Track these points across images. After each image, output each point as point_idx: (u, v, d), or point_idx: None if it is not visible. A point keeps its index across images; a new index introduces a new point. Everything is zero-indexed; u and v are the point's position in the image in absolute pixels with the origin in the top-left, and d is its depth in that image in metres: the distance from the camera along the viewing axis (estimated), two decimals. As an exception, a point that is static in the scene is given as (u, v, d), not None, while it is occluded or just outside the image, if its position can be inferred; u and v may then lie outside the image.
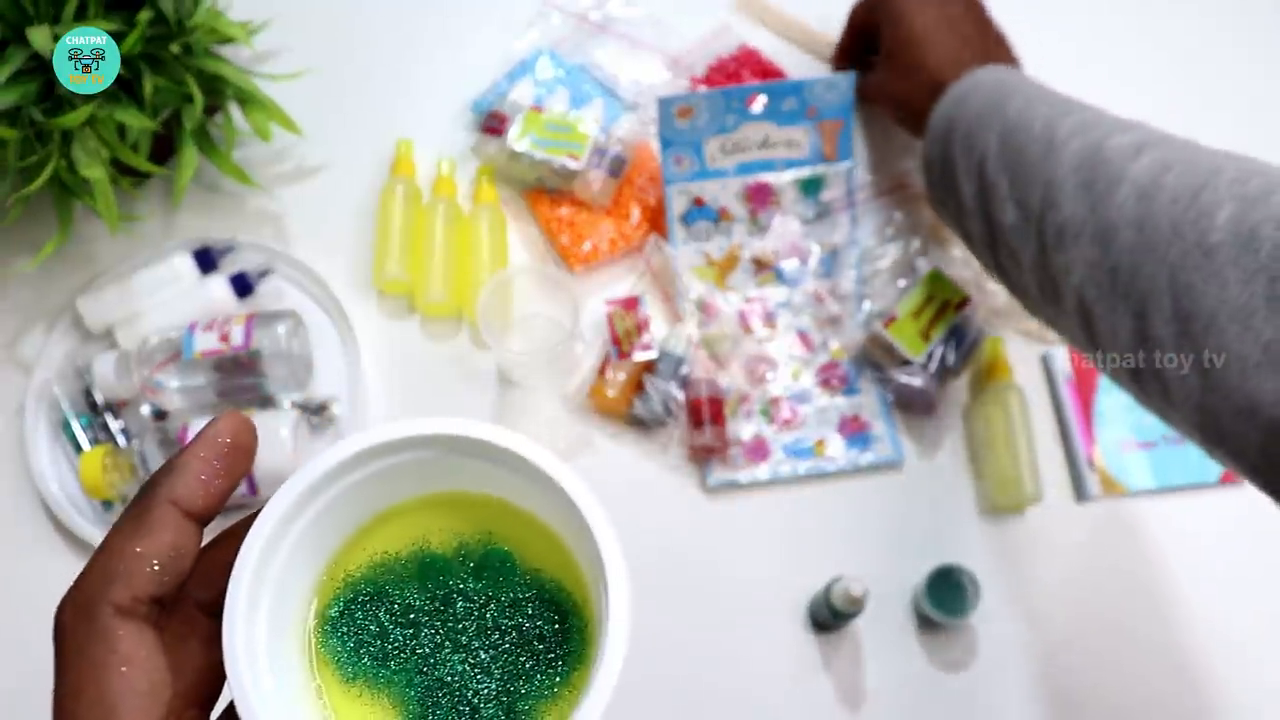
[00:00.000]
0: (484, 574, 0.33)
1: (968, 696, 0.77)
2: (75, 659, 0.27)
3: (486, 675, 0.32)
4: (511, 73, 0.93)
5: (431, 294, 0.83)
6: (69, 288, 0.84)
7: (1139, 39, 1.00)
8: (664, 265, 0.85)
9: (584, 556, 0.32)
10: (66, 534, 0.77)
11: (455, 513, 0.34)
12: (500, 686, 0.32)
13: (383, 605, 0.33)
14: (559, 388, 0.83)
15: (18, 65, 0.69)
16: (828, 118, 0.86)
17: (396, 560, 0.34)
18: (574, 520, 0.30)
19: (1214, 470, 0.83)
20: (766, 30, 0.96)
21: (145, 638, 0.27)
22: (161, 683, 0.27)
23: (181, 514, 0.28)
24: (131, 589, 0.27)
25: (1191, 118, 0.78)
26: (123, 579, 0.27)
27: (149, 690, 0.26)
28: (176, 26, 0.74)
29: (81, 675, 0.26)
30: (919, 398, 0.81)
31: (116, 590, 0.27)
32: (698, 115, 0.84)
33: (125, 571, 0.27)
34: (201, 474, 0.29)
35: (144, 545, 0.27)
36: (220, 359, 0.77)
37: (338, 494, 0.31)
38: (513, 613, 0.33)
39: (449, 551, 0.34)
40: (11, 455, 0.80)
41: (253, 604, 0.29)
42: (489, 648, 0.33)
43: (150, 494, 0.28)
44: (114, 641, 0.26)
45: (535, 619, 0.33)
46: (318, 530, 0.32)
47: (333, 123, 0.90)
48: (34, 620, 0.77)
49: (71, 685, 0.27)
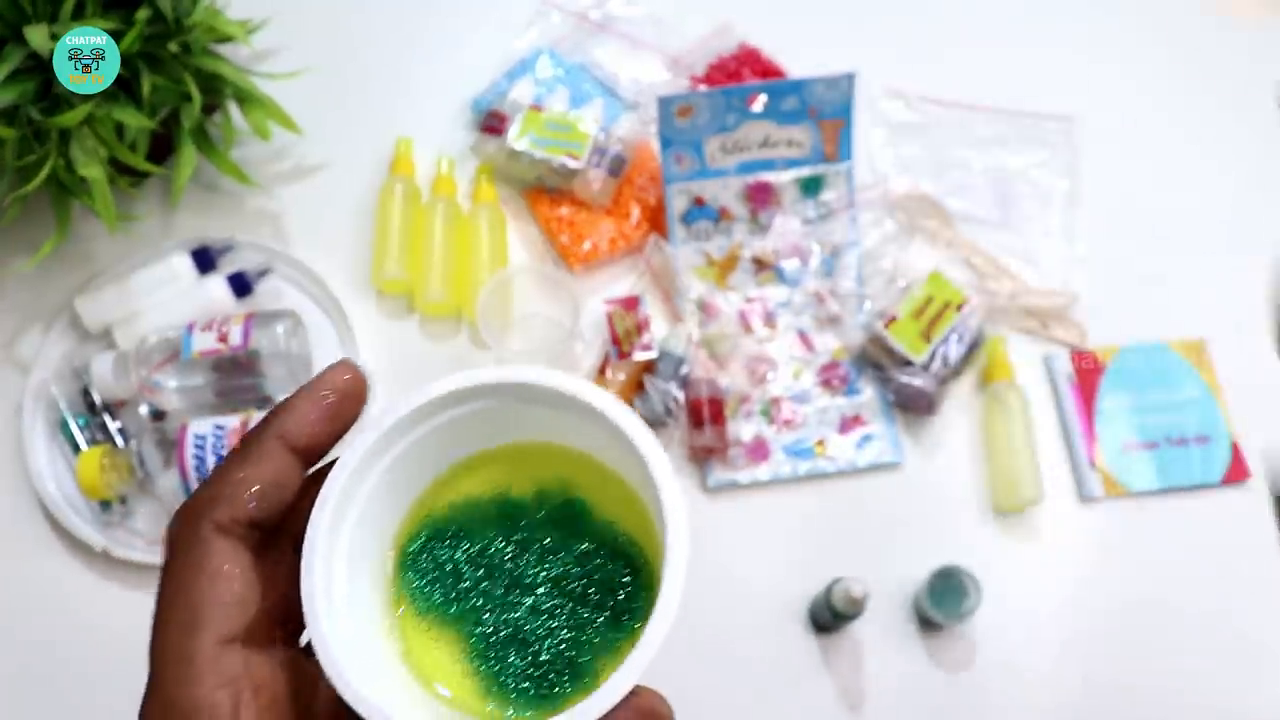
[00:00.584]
0: (560, 523, 0.34)
1: (968, 696, 0.76)
2: (172, 566, 0.29)
3: (552, 623, 0.33)
4: (511, 72, 0.92)
5: (431, 293, 0.83)
6: (67, 287, 0.84)
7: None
8: (664, 265, 0.85)
9: (655, 512, 0.32)
10: (63, 534, 0.77)
11: (535, 462, 0.35)
12: (564, 636, 0.32)
13: (461, 545, 0.34)
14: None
15: (16, 64, 0.69)
16: (828, 117, 0.86)
17: (478, 503, 0.34)
18: (643, 474, 0.31)
19: (1216, 471, 0.82)
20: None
21: (239, 556, 0.29)
22: (249, 598, 0.28)
23: (287, 448, 0.30)
24: (232, 510, 0.29)
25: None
26: (225, 501, 0.29)
27: (235, 601, 0.28)
28: (175, 25, 0.74)
29: (176, 582, 0.28)
30: (919, 398, 0.81)
31: (219, 509, 0.29)
32: (698, 114, 0.84)
33: (228, 495, 0.29)
34: (311, 414, 0.31)
35: (248, 472, 0.29)
36: (219, 359, 0.76)
37: (419, 438, 0.32)
38: (584, 563, 0.33)
39: (528, 498, 0.34)
40: (9, 455, 0.80)
41: (333, 537, 0.30)
42: (558, 596, 0.33)
43: (262, 428, 0.30)
44: (209, 553, 0.28)
45: (606, 572, 0.33)
46: (399, 473, 0.32)
47: (332, 122, 0.90)
48: (31, 619, 0.77)
49: (167, 592, 0.29)
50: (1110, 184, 0.93)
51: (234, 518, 0.29)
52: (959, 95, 0.95)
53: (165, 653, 0.27)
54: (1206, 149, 0.96)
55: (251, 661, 0.28)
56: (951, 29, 0.99)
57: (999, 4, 1.01)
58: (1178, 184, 0.94)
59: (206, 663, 0.27)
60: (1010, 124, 0.94)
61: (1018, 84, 0.96)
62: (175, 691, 0.27)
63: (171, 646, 0.27)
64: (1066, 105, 0.95)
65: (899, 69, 0.95)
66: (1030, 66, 0.98)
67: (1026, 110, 0.94)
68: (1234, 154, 0.96)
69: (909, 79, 0.95)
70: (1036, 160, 0.93)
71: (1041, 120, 0.94)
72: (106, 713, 0.76)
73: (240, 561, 0.29)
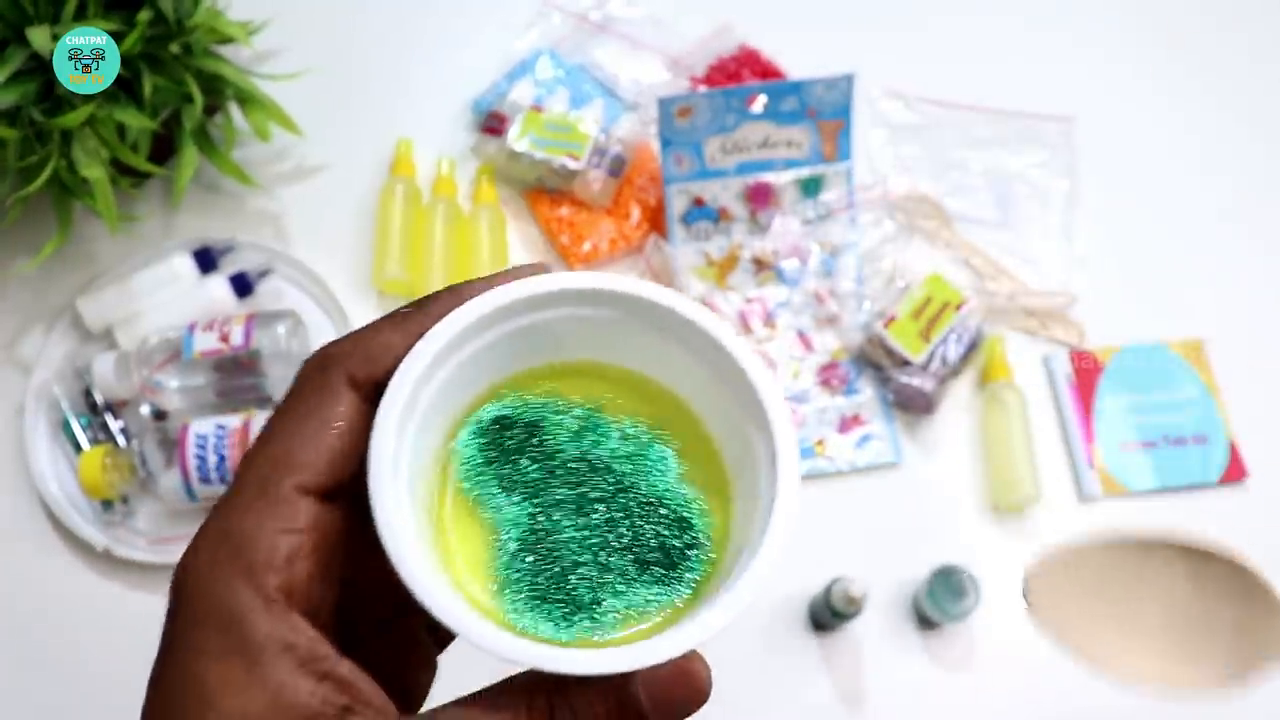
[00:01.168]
0: (639, 463, 0.33)
1: (967, 696, 0.77)
2: (290, 400, 0.28)
3: (591, 556, 0.31)
4: (511, 73, 0.93)
5: (431, 294, 0.83)
6: (69, 288, 0.84)
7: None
8: (664, 265, 0.85)
9: (743, 491, 0.31)
10: (65, 533, 0.77)
11: (635, 393, 0.33)
12: (598, 573, 0.31)
13: (534, 436, 0.32)
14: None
15: (17, 65, 0.69)
16: (828, 118, 0.86)
17: (568, 406, 0.33)
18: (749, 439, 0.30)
19: (1214, 470, 0.83)
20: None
21: (357, 412, 0.28)
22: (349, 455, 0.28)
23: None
24: (369, 367, 0.28)
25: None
26: (367, 357, 0.28)
27: (333, 456, 0.27)
28: (176, 26, 0.74)
29: (287, 416, 0.28)
30: (919, 398, 0.81)
31: (357, 362, 0.28)
32: (698, 115, 0.84)
33: (373, 353, 0.28)
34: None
35: (398, 338, 0.29)
36: (220, 359, 0.76)
37: (520, 328, 0.31)
38: (645, 512, 0.32)
39: (617, 424, 0.33)
40: (11, 455, 0.80)
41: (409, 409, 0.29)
42: (607, 531, 0.32)
43: (431, 297, 0.30)
44: (330, 400, 0.28)
45: (664, 530, 0.32)
46: (493, 354, 0.31)
47: (333, 122, 0.90)
48: (33, 618, 0.77)
49: (274, 422, 0.28)
50: (1109, 184, 0.93)
51: (370, 375, 0.28)
52: (958, 96, 0.95)
53: (244, 482, 0.27)
54: (1206, 149, 0.96)
55: (323, 516, 0.27)
56: (951, 30, 1.00)
57: (999, 4, 1.01)
58: (1177, 184, 0.94)
59: (280, 504, 0.26)
60: (1009, 125, 0.94)
61: (1017, 84, 0.96)
62: (239, 521, 0.26)
63: (253, 478, 0.27)
64: (1066, 106, 0.95)
65: (898, 70, 0.95)
66: (1030, 67, 0.98)
67: (1026, 111, 0.95)
68: (1233, 154, 0.96)
69: (908, 80, 0.95)
70: (1036, 161, 0.93)
71: (1041, 121, 0.94)
72: (109, 711, 0.76)
73: (356, 418, 0.28)
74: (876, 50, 0.96)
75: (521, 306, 0.30)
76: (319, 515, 0.27)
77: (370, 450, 0.27)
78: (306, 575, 0.26)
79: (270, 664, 0.25)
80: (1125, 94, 0.98)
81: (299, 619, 0.26)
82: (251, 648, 0.25)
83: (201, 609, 0.25)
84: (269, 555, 0.26)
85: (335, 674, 0.25)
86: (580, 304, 0.31)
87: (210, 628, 0.25)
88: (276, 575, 0.26)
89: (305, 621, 0.26)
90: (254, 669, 0.24)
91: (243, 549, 0.26)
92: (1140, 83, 0.98)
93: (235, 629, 0.25)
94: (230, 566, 0.25)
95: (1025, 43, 1.00)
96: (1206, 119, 0.97)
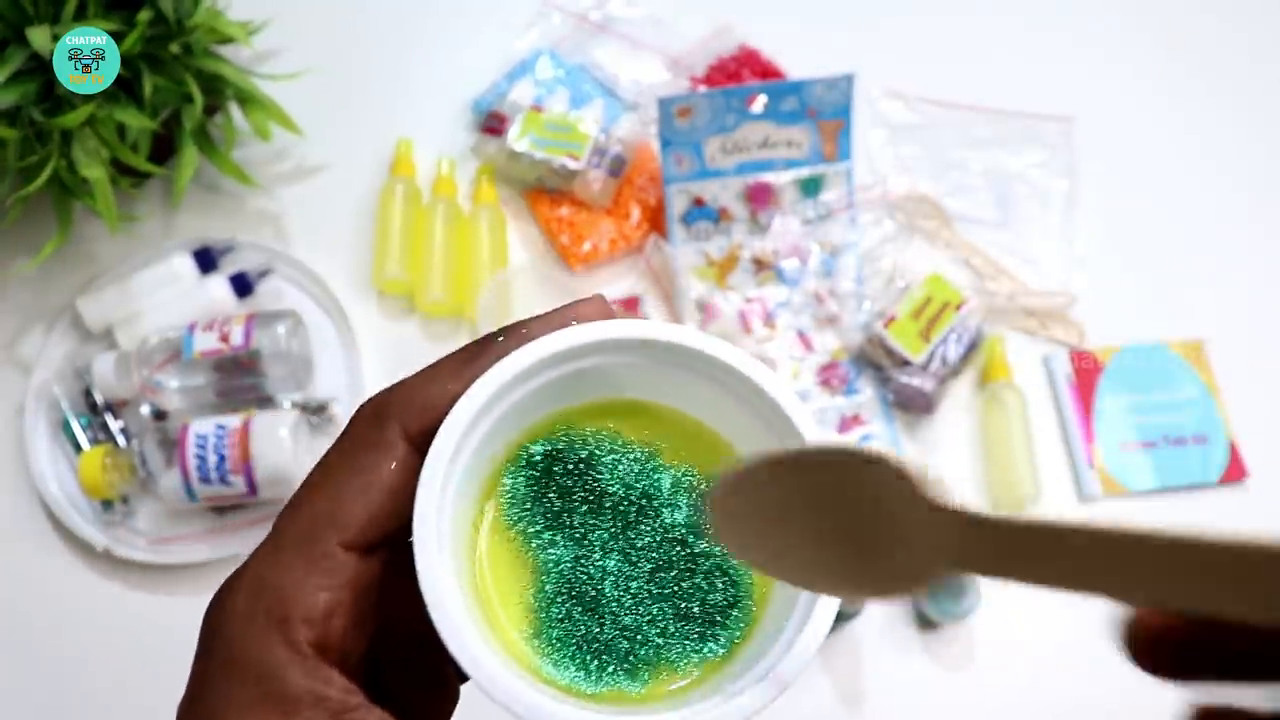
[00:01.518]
0: (691, 510, 0.31)
1: (967, 695, 0.77)
2: (342, 451, 0.28)
3: (632, 605, 0.30)
4: (511, 73, 0.93)
5: (431, 294, 0.83)
6: (69, 288, 0.84)
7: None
8: (664, 265, 0.85)
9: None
10: (65, 533, 0.77)
11: (689, 437, 0.32)
12: (636, 623, 0.30)
13: (585, 474, 0.31)
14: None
15: (17, 65, 0.69)
16: (828, 118, 0.86)
17: (623, 445, 0.32)
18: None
19: (1214, 471, 0.83)
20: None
21: (409, 466, 0.28)
22: (394, 513, 0.27)
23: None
24: (423, 420, 0.28)
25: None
26: (423, 408, 0.28)
27: (380, 513, 0.27)
28: (176, 26, 0.74)
29: (335, 469, 0.28)
30: (919, 398, 0.81)
31: (413, 415, 0.28)
32: (698, 115, 0.84)
33: (429, 402, 0.28)
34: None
35: (459, 386, 0.28)
36: (220, 359, 0.77)
37: (565, 375, 0.30)
38: (692, 563, 0.31)
39: (672, 470, 0.32)
40: (11, 455, 0.80)
41: (455, 458, 0.28)
42: (650, 581, 0.31)
43: (488, 341, 0.29)
44: (383, 456, 0.28)
45: (709, 582, 0.31)
46: (540, 396, 0.30)
47: (333, 122, 0.90)
48: (33, 618, 0.77)
49: (320, 475, 0.28)
50: (1109, 184, 0.93)
51: (423, 427, 0.28)
52: (958, 96, 0.95)
53: (287, 534, 0.27)
54: (1206, 149, 0.96)
55: (362, 569, 0.27)
56: (951, 30, 1.00)
57: (999, 4, 1.02)
58: (1176, 184, 0.94)
59: (322, 560, 0.26)
60: (1009, 125, 0.94)
61: (1017, 85, 0.96)
62: (279, 575, 0.26)
63: (297, 532, 0.27)
64: (1066, 106, 0.95)
65: (898, 70, 0.95)
66: (1030, 67, 0.98)
67: (1026, 111, 0.95)
68: (1233, 154, 0.96)
69: (908, 80, 0.95)
70: (1035, 161, 0.93)
71: (1040, 121, 0.94)
72: (108, 711, 0.76)
73: (409, 475, 0.27)
74: (876, 50, 0.96)
75: (575, 354, 0.29)
76: (359, 570, 0.27)
77: (415, 509, 0.27)
78: (341, 629, 0.27)
79: (304, 716, 0.25)
80: (1125, 94, 0.98)
81: (331, 671, 0.26)
82: (286, 701, 0.25)
83: (236, 658, 0.26)
84: (307, 611, 0.26)
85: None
86: (634, 352, 0.30)
87: (245, 679, 0.26)
88: (312, 630, 0.26)
89: (337, 673, 0.26)
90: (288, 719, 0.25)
91: (281, 602, 0.26)
92: (1140, 83, 0.98)
93: (268, 682, 0.25)
94: (267, 619, 0.26)
95: (1025, 43, 1.00)
96: (1206, 119, 0.97)
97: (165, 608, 0.76)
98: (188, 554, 0.76)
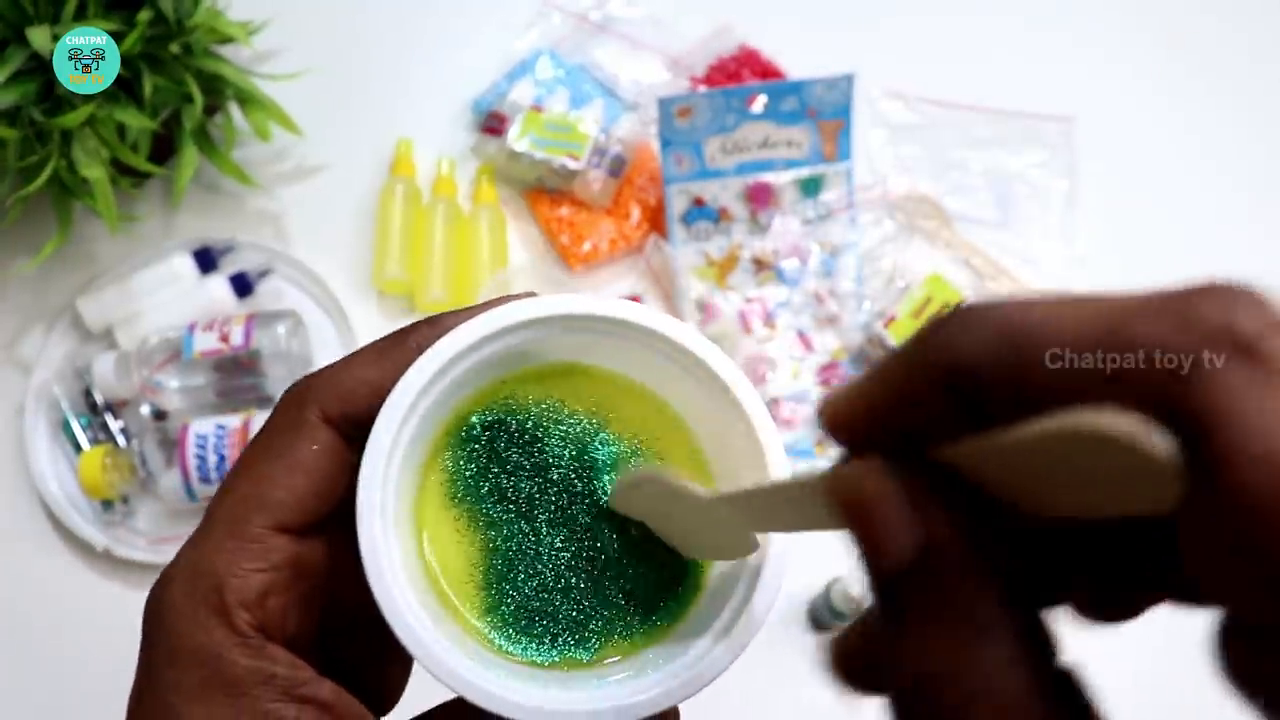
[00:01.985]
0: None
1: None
2: (263, 438, 0.28)
3: (580, 577, 0.30)
4: (511, 73, 0.93)
5: (431, 294, 0.83)
6: (69, 288, 0.84)
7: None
8: (664, 265, 0.85)
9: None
10: (65, 533, 0.77)
11: (632, 400, 0.32)
12: (586, 596, 0.30)
13: (532, 445, 0.31)
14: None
15: (18, 65, 0.69)
16: (828, 118, 0.86)
17: (569, 415, 0.31)
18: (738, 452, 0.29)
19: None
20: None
21: (332, 449, 0.28)
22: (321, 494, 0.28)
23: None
24: (343, 404, 0.28)
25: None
26: (341, 393, 0.28)
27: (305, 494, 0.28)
28: (176, 26, 0.74)
29: (257, 455, 0.28)
30: (919, 398, 0.81)
31: (330, 399, 0.28)
32: (698, 115, 0.84)
33: (347, 388, 0.28)
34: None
35: (375, 373, 0.29)
36: (220, 359, 0.77)
37: (506, 347, 0.30)
38: (638, 538, 0.31)
39: (620, 443, 0.32)
40: (11, 455, 0.80)
41: (396, 439, 0.28)
42: (597, 550, 0.31)
43: (404, 334, 0.30)
44: (302, 439, 0.28)
45: (653, 558, 0.31)
46: (481, 368, 0.30)
47: (333, 123, 0.90)
48: (33, 617, 0.77)
49: (246, 460, 0.28)
50: (1109, 184, 0.93)
51: (343, 412, 0.28)
52: (958, 96, 0.95)
53: (216, 519, 0.27)
54: (1206, 149, 0.96)
55: (299, 551, 0.28)
56: (950, 30, 1.00)
57: (999, 4, 1.02)
58: (1176, 184, 0.94)
59: (251, 542, 0.27)
60: (1009, 125, 0.94)
61: (1017, 85, 0.96)
62: (211, 559, 0.27)
63: (224, 516, 0.27)
64: (1066, 106, 0.95)
65: (898, 70, 0.95)
66: (1030, 67, 0.98)
67: (1026, 111, 0.95)
68: (1232, 155, 0.96)
69: (908, 80, 0.95)
70: (1035, 161, 0.93)
71: (1040, 121, 0.94)
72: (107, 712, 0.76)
73: (330, 456, 0.28)
74: (876, 50, 0.96)
75: (507, 332, 0.29)
76: (295, 552, 0.28)
77: (359, 488, 0.27)
78: (281, 608, 0.27)
79: (252, 696, 0.26)
80: (1125, 94, 0.98)
81: (275, 648, 0.26)
82: (232, 683, 0.25)
83: (178, 645, 0.26)
84: (241, 594, 0.26)
85: (317, 698, 0.26)
86: (568, 328, 0.30)
87: (189, 665, 0.26)
88: (249, 612, 0.26)
89: (283, 650, 0.26)
90: (238, 701, 0.25)
91: (216, 587, 0.26)
92: (1140, 83, 0.98)
93: (212, 665, 0.26)
94: (205, 605, 0.26)
95: (1025, 43, 1.00)
96: (1206, 119, 0.97)
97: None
98: (188, 554, 0.76)
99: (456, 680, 0.26)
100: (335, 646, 0.30)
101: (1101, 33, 1.01)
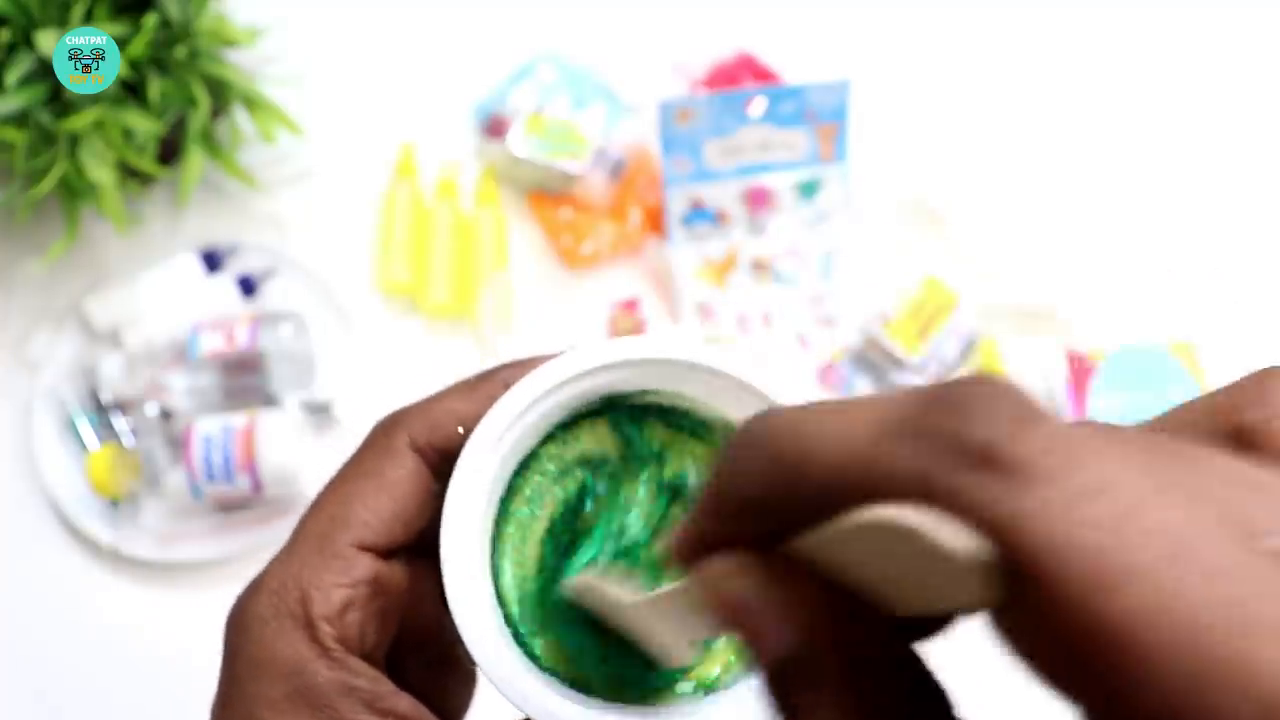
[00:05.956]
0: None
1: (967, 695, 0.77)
2: (355, 459, 0.30)
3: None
4: (513, 76, 0.94)
5: (434, 295, 0.84)
6: (76, 289, 0.85)
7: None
8: (663, 267, 0.86)
9: None
10: (73, 531, 0.78)
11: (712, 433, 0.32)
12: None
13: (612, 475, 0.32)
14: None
15: (26, 69, 0.70)
16: (825, 120, 0.87)
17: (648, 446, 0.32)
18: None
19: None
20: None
21: (418, 475, 0.29)
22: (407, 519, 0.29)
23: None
24: (431, 434, 0.29)
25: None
26: (431, 422, 0.29)
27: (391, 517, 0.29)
28: (182, 30, 0.75)
29: (349, 476, 0.29)
30: (916, 398, 0.82)
31: (419, 426, 0.29)
32: (698, 118, 0.85)
33: (437, 418, 0.30)
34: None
35: (464, 406, 0.30)
36: (225, 359, 0.77)
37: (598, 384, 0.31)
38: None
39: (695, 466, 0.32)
40: (20, 454, 0.81)
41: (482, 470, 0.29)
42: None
43: (494, 371, 0.31)
44: (392, 463, 0.29)
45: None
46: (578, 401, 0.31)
47: (336, 126, 0.91)
48: (41, 615, 0.78)
49: (337, 481, 0.29)
50: (1108, 184, 0.94)
51: (430, 441, 0.29)
52: (956, 97, 0.96)
53: (304, 536, 0.28)
54: (1204, 150, 0.97)
55: (379, 569, 0.29)
56: (949, 32, 1.00)
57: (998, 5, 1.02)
58: (1175, 185, 0.95)
59: (336, 558, 0.28)
60: (1008, 124, 0.95)
61: (1016, 85, 0.97)
62: (297, 574, 0.28)
63: (312, 533, 0.28)
64: (1065, 105, 0.96)
65: (897, 72, 0.96)
66: (1029, 68, 0.99)
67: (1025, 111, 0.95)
68: (1232, 155, 0.97)
69: (905, 82, 0.96)
70: (1035, 161, 0.94)
71: (1040, 121, 0.95)
72: (116, 708, 0.77)
73: (415, 481, 0.29)
74: (875, 53, 0.96)
75: (596, 370, 0.30)
76: (378, 571, 0.28)
77: (444, 515, 0.28)
78: (359, 623, 0.28)
79: (335, 707, 0.26)
80: (1122, 95, 0.99)
81: (357, 661, 0.27)
82: (316, 694, 0.26)
83: (262, 657, 0.27)
84: (325, 608, 0.27)
85: (396, 711, 0.27)
86: (649, 369, 0.31)
87: (273, 677, 0.27)
88: (332, 626, 0.27)
89: (364, 663, 0.27)
90: (320, 713, 0.26)
91: (301, 600, 0.27)
92: (1139, 83, 0.99)
93: (297, 678, 0.27)
94: (290, 617, 0.27)
95: (1024, 43, 1.00)
96: (1203, 120, 0.98)
97: (172, 604, 0.77)
98: (194, 551, 0.77)
99: (525, 700, 0.27)
100: (405, 663, 0.31)
101: (1100, 33, 1.01)
